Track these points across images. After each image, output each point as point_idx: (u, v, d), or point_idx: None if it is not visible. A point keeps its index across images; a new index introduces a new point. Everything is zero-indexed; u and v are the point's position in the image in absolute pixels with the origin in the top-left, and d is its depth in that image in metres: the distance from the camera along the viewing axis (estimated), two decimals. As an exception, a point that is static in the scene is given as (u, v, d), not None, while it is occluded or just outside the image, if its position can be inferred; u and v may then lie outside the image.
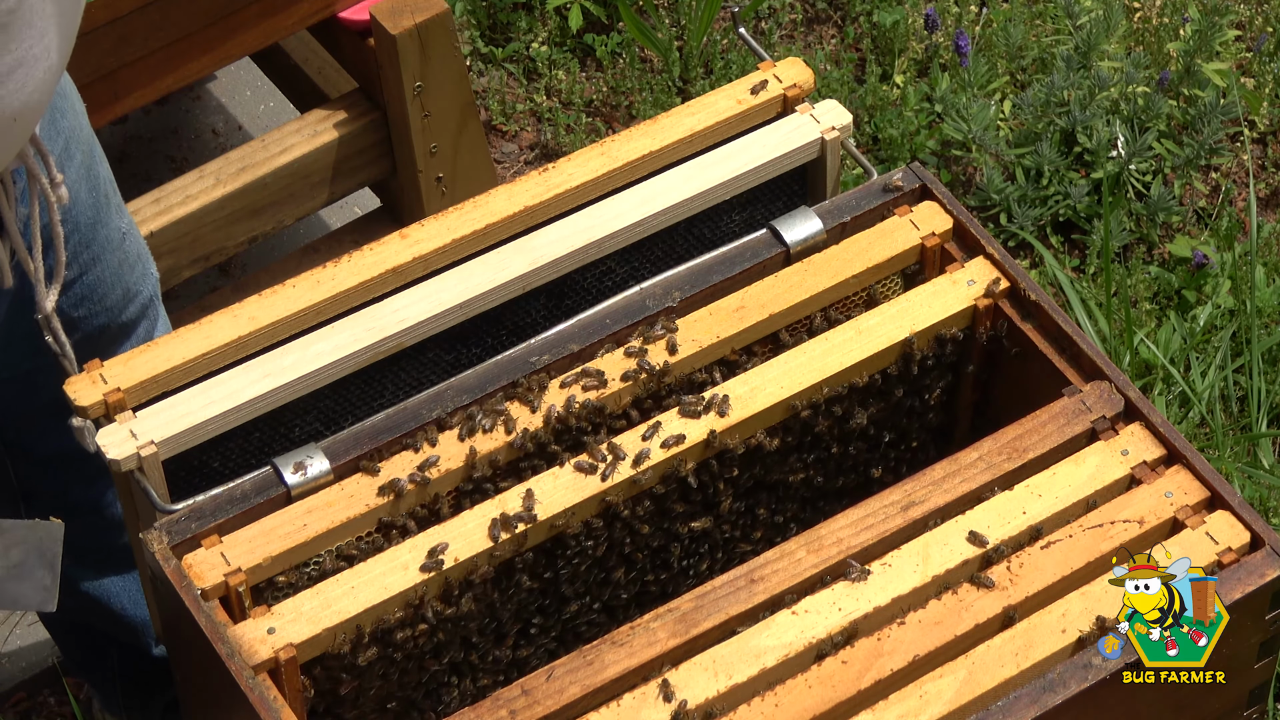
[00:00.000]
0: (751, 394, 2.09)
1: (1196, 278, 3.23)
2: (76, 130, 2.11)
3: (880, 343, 2.13)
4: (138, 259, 2.28)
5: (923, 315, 2.14)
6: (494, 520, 1.99)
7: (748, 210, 2.25)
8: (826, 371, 2.11)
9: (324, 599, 1.94)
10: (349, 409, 2.12)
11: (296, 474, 2.01)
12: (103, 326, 2.25)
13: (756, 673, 1.90)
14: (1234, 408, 3.08)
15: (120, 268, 2.23)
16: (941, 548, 1.97)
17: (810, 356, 2.11)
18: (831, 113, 2.25)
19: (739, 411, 2.07)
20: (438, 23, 2.77)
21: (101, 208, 2.17)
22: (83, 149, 2.12)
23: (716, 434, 2.06)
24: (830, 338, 2.13)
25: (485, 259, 2.15)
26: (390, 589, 1.95)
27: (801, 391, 2.09)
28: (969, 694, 1.88)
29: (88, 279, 2.19)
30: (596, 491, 2.02)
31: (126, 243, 2.24)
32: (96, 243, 2.18)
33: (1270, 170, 3.45)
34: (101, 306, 2.23)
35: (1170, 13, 3.55)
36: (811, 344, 2.12)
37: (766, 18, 3.64)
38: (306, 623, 1.93)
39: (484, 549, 1.98)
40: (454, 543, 1.98)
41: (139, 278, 2.28)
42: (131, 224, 2.27)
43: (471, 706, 1.89)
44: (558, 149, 3.46)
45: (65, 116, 2.08)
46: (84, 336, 2.22)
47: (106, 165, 2.20)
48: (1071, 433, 2.06)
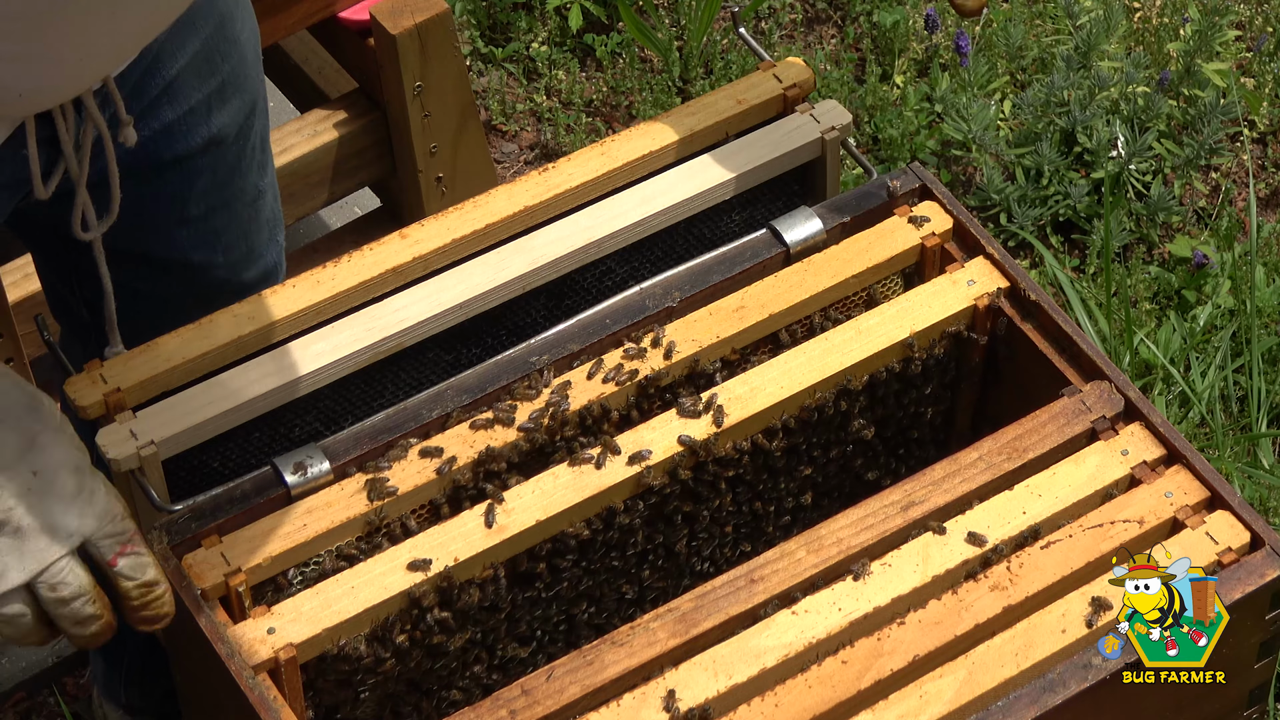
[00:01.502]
0: (751, 394, 2.09)
1: (1196, 278, 3.24)
2: (239, 78, 2.10)
3: (880, 343, 2.13)
4: (268, 222, 2.26)
5: (923, 315, 2.14)
6: (494, 520, 1.99)
7: (748, 210, 2.25)
8: (826, 371, 2.10)
9: (324, 599, 1.94)
10: (349, 409, 2.12)
11: (296, 474, 2.01)
12: (222, 281, 2.23)
13: (756, 673, 1.90)
14: (1234, 408, 3.08)
15: (249, 224, 2.22)
16: (941, 548, 1.97)
17: (810, 357, 2.11)
18: (831, 113, 2.25)
19: (738, 412, 2.07)
20: (438, 23, 2.77)
21: (246, 159, 2.17)
22: (243, 97, 2.12)
23: (715, 435, 2.06)
24: (830, 338, 2.13)
25: (485, 259, 2.15)
26: (390, 589, 1.95)
27: (801, 392, 2.09)
28: (969, 694, 1.88)
29: (213, 222, 2.17)
30: (597, 492, 2.02)
31: (261, 202, 2.23)
32: (230, 189, 2.17)
33: (1270, 170, 3.45)
34: (224, 258, 2.21)
35: (1170, 13, 3.55)
36: (811, 344, 2.12)
37: (766, 18, 3.64)
38: (307, 623, 1.92)
39: (483, 549, 1.98)
40: (454, 543, 1.98)
41: (265, 241, 2.27)
42: (273, 186, 2.26)
43: (471, 706, 1.89)
44: (558, 149, 3.46)
45: (227, 60, 2.07)
46: (201, 290, 2.21)
47: (265, 122, 2.20)
48: (1071, 433, 2.06)
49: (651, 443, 2.05)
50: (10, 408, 1.70)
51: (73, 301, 2.24)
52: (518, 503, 2.01)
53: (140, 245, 2.14)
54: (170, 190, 2.11)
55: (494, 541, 1.99)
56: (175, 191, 2.11)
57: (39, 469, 1.69)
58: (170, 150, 2.07)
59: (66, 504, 1.70)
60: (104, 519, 1.71)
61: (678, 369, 2.11)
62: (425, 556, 1.97)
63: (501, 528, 2.00)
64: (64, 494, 1.70)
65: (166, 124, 2.05)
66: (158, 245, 2.16)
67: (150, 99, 2.02)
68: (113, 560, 1.71)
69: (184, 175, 2.11)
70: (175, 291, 2.21)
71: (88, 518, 1.70)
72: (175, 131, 2.06)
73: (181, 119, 2.06)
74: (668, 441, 2.06)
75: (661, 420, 2.07)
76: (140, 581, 1.74)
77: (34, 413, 1.72)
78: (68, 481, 1.70)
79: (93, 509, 1.71)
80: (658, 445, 2.05)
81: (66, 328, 2.34)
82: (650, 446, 2.05)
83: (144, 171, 2.06)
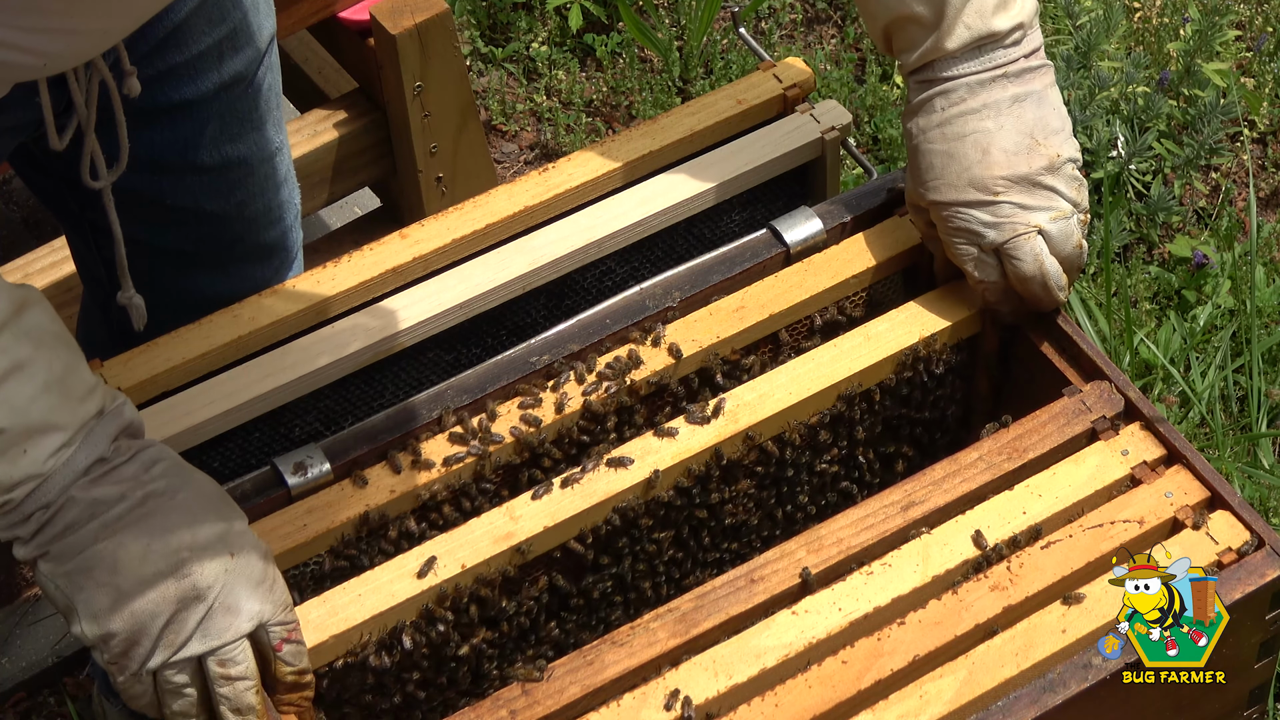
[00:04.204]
0: (760, 401, 2.09)
1: (1196, 278, 3.24)
2: (250, 27, 2.13)
3: (889, 348, 2.13)
4: (284, 180, 2.29)
5: (932, 321, 2.15)
6: (500, 528, 1.99)
7: (748, 210, 2.25)
8: (836, 377, 2.10)
9: (330, 607, 1.94)
10: (349, 409, 2.12)
11: (296, 474, 2.01)
12: (237, 237, 2.25)
13: (756, 673, 1.89)
14: (1234, 408, 3.08)
15: (266, 180, 2.25)
16: (941, 548, 1.97)
17: (819, 363, 2.11)
18: (831, 113, 2.25)
19: (747, 418, 2.07)
20: (438, 23, 2.77)
21: (259, 111, 2.20)
22: (255, 47, 2.15)
23: (723, 441, 2.06)
24: (839, 344, 2.13)
25: (485, 259, 2.15)
26: (397, 596, 1.95)
27: (811, 398, 2.09)
28: (969, 694, 1.88)
29: (230, 176, 2.20)
30: (606, 498, 2.02)
31: (278, 158, 2.26)
32: (245, 141, 2.19)
33: (1270, 170, 3.45)
34: (240, 213, 2.24)
35: (1170, 13, 3.55)
36: (820, 351, 2.12)
37: (766, 18, 3.64)
38: (313, 630, 1.92)
39: (490, 556, 1.98)
40: (460, 550, 1.98)
41: (283, 202, 2.30)
42: (285, 144, 2.28)
43: (471, 706, 1.89)
44: (558, 149, 3.46)
45: (237, 7, 2.11)
46: (219, 246, 2.24)
47: (277, 76, 2.23)
48: (1071, 433, 2.06)
49: (659, 449, 2.05)
50: (211, 496, 1.80)
51: (91, 262, 2.28)
52: (526, 510, 2.01)
53: (153, 189, 2.16)
54: (181, 134, 2.14)
55: (503, 548, 1.99)
56: (186, 136, 2.14)
57: (236, 552, 1.78)
58: (178, 93, 2.10)
59: (253, 589, 1.78)
60: (279, 607, 1.80)
61: (680, 369, 2.11)
62: (433, 562, 1.97)
63: (509, 534, 2.00)
64: (253, 579, 1.79)
65: (172, 65, 2.08)
66: (171, 190, 2.18)
67: (156, 41, 2.05)
68: (279, 645, 1.80)
69: (194, 120, 2.13)
70: (193, 246, 2.23)
71: (268, 604, 1.79)
72: (183, 74, 2.09)
73: (189, 63, 2.09)
74: (676, 449, 2.05)
75: (668, 427, 2.07)
76: (297, 668, 1.83)
77: (229, 503, 1.82)
78: (256, 567, 1.79)
79: (273, 596, 1.80)
80: (665, 452, 2.05)
81: (90, 295, 2.38)
82: (659, 453, 2.05)
83: (152, 113, 2.09)
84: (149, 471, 1.77)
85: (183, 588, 1.75)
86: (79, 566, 1.74)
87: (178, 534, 1.75)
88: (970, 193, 2.03)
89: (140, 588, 1.74)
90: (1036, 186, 2.02)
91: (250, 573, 1.78)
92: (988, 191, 2.02)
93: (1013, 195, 2.02)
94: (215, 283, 2.26)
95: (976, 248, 2.05)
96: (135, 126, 2.06)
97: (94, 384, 1.77)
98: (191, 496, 1.78)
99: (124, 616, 1.74)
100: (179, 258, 2.24)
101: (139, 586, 1.74)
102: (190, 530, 1.76)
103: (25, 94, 1.92)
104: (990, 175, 2.02)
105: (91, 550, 1.74)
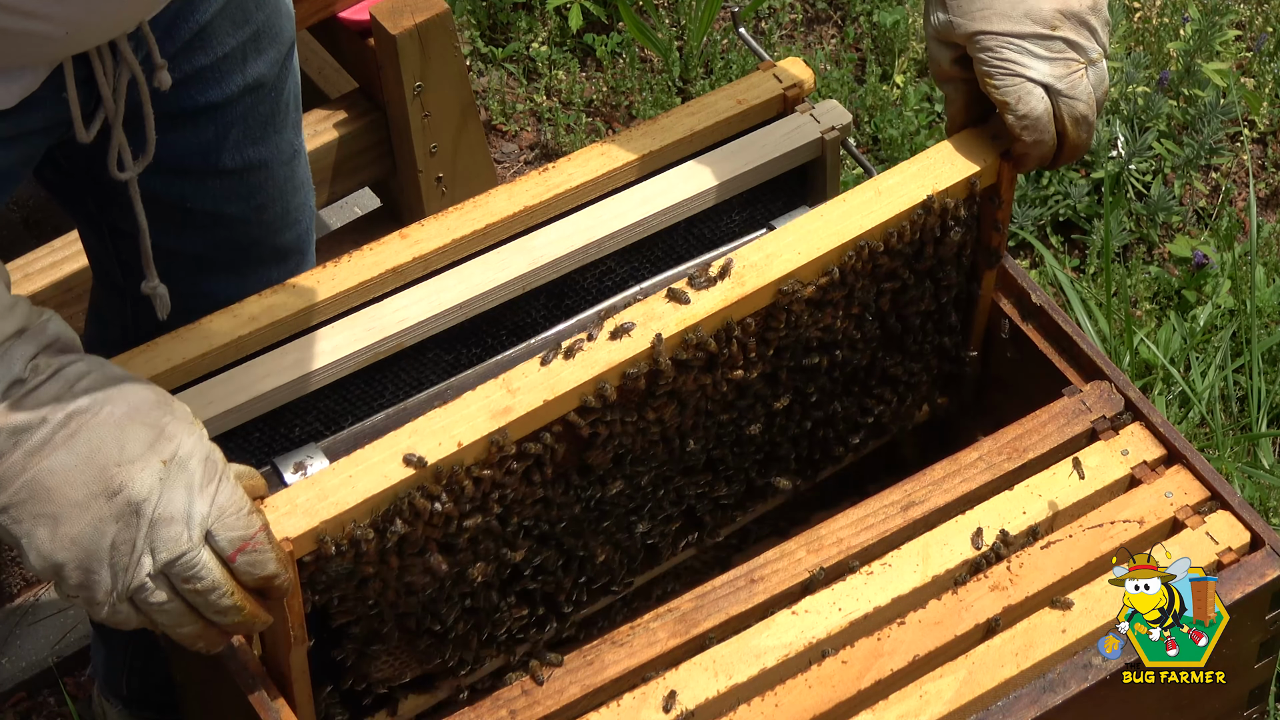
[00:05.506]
0: (768, 261, 2.00)
1: (1196, 278, 3.24)
2: (274, 29, 2.13)
3: (900, 204, 2.04)
4: (302, 184, 2.29)
5: (946, 172, 2.06)
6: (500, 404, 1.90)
7: (748, 210, 2.25)
8: (845, 236, 2.02)
9: (319, 490, 1.85)
10: (349, 409, 2.12)
11: (296, 474, 2.01)
12: (255, 241, 2.25)
13: (756, 673, 1.90)
14: (1234, 408, 3.08)
15: (285, 184, 2.24)
16: (941, 548, 1.97)
17: (827, 220, 2.03)
18: (831, 113, 2.25)
19: (754, 280, 1.99)
20: (438, 23, 2.77)
21: (280, 114, 2.19)
22: (278, 49, 2.15)
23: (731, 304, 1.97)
24: (848, 199, 2.04)
25: (485, 259, 2.15)
26: (390, 477, 1.86)
27: (820, 257, 2.01)
28: (969, 694, 1.88)
29: (251, 180, 2.20)
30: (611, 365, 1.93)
31: (296, 162, 2.25)
32: (266, 145, 2.19)
33: (1270, 170, 3.45)
34: (258, 217, 2.23)
35: (1170, 13, 3.55)
36: (828, 207, 2.04)
37: (766, 18, 3.64)
38: (302, 515, 1.83)
39: (492, 430, 1.88)
40: (457, 427, 1.89)
41: (299, 206, 2.29)
42: (303, 147, 2.28)
43: (471, 706, 1.89)
44: (558, 149, 3.46)
45: (261, 9, 2.11)
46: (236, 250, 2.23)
47: (297, 78, 2.22)
48: (1071, 433, 2.06)
49: (662, 315, 1.96)
50: (139, 405, 1.71)
51: (106, 260, 2.27)
52: (523, 382, 1.92)
53: (174, 192, 2.16)
54: (205, 137, 2.13)
55: (500, 424, 1.89)
56: (209, 139, 2.14)
57: (168, 458, 1.70)
58: (204, 96, 2.10)
59: (193, 493, 1.70)
60: (226, 509, 1.71)
61: None
62: (426, 440, 1.87)
63: (507, 409, 1.90)
64: (190, 483, 1.70)
65: (199, 68, 2.07)
66: (192, 194, 2.18)
67: (182, 43, 2.04)
68: (231, 557, 1.71)
69: (218, 124, 2.13)
70: (210, 250, 2.23)
71: (211, 506, 1.70)
72: (208, 77, 2.09)
73: (215, 65, 2.09)
74: (679, 315, 1.96)
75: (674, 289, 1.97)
76: (261, 576, 1.73)
77: (162, 407, 1.73)
78: (194, 470, 1.71)
79: (218, 498, 1.71)
80: (669, 318, 1.96)
81: (104, 295, 2.37)
82: (661, 319, 1.96)
83: (177, 117, 2.08)
84: (72, 389, 1.68)
85: (116, 505, 1.67)
86: (13, 500, 1.67)
87: (105, 450, 1.67)
88: (1026, 24, 1.97)
89: (75, 512, 1.66)
90: (1082, 25, 1.98)
91: (186, 478, 1.69)
92: (1045, 24, 1.96)
93: (1066, 31, 1.97)
94: (231, 286, 2.24)
95: (1025, 81, 1.99)
96: (160, 130, 2.04)
97: (11, 304, 1.68)
98: (118, 408, 1.69)
99: (66, 545, 1.67)
100: (196, 261, 2.23)
101: (73, 511, 1.66)
102: (118, 444, 1.68)
103: (54, 90, 1.91)
104: (1048, 7, 1.96)
105: (21, 481, 1.66)
